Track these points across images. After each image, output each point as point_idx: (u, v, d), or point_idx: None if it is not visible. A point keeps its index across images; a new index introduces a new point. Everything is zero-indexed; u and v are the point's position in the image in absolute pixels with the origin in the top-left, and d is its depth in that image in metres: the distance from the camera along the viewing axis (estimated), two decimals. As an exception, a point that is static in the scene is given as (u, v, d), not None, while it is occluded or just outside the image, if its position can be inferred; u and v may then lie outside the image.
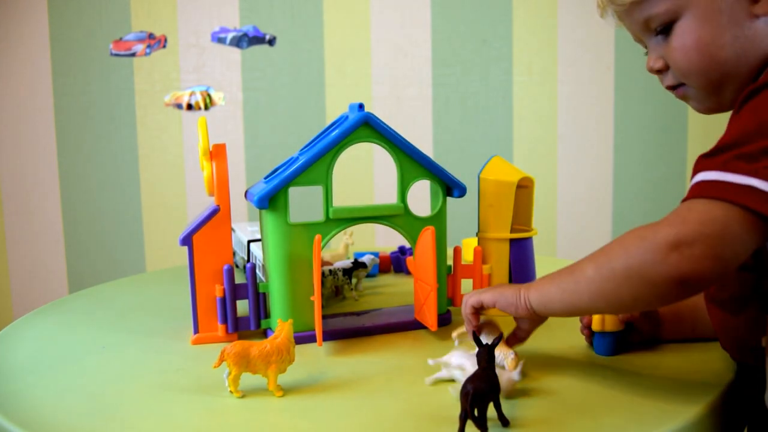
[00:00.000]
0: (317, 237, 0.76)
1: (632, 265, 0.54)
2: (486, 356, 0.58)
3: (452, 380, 0.64)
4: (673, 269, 0.52)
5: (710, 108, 0.66)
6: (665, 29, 0.63)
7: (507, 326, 0.71)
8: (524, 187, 0.93)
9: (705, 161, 0.54)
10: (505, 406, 0.58)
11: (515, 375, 0.60)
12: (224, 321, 0.79)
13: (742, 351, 0.67)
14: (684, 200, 0.55)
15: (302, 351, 0.76)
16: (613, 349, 0.73)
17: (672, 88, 0.66)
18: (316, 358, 0.74)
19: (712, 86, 0.63)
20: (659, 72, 0.66)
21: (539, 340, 0.78)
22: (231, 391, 0.64)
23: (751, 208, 0.51)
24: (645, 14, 0.64)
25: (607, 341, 0.73)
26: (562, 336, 0.79)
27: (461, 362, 0.62)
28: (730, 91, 0.63)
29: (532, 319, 0.68)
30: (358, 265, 0.98)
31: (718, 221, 0.52)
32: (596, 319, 0.73)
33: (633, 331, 0.76)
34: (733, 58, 0.61)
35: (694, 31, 0.61)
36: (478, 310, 0.68)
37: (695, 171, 0.55)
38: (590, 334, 0.75)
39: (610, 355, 0.73)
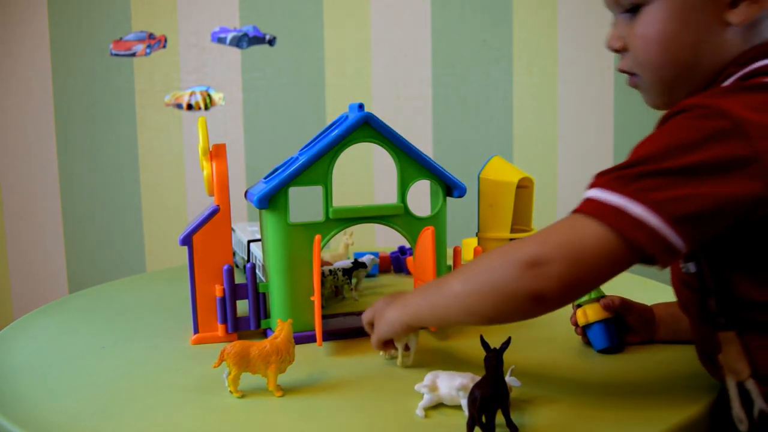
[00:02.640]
0: (317, 237, 0.76)
1: (493, 280, 0.55)
2: (494, 361, 0.57)
3: (441, 404, 0.61)
4: (528, 286, 0.53)
5: (658, 105, 0.62)
6: (634, 8, 0.59)
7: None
8: (524, 187, 0.93)
9: (597, 177, 0.53)
10: (513, 412, 0.58)
11: (514, 381, 0.60)
12: (224, 321, 0.79)
13: (704, 363, 0.65)
14: (572, 212, 0.53)
15: (302, 351, 0.76)
16: (608, 338, 0.73)
17: (626, 72, 0.63)
18: (316, 358, 0.74)
19: (664, 84, 0.60)
20: (617, 51, 0.63)
21: (540, 346, 0.78)
22: (231, 391, 0.64)
23: (616, 228, 0.49)
24: None
25: (599, 331, 0.73)
26: (562, 340, 0.79)
27: (458, 383, 0.59)
28: (680, 93, 0.59)
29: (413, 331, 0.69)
30: (358, 265, 0.98)
31: (577, 242, 0.51)
32: (579, 313, 0.73)
33: (630, 332, 0.76)
34: (691, 60, 0.58)
35: (660, 22, 0.58)
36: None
37: (589, 185, 0.53)
38: (582, 332, 0.75)
39: (609, 345, 0.73)
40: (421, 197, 0.88)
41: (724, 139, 0.47)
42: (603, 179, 0.51)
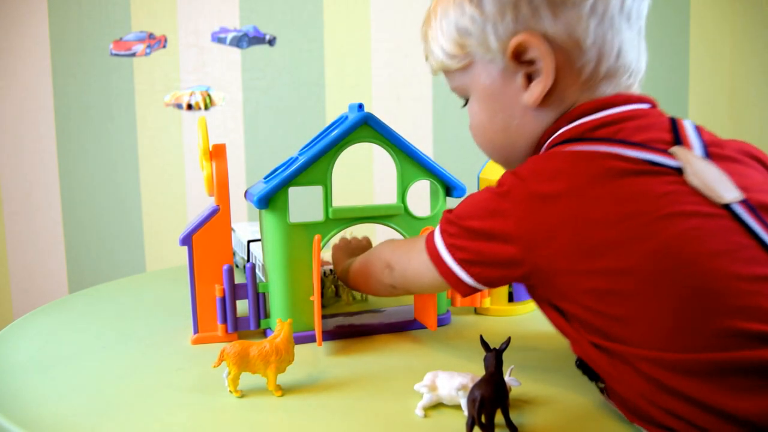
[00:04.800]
0: (317, 237, 0.76)
1: (369, 271, 0.76)
2: (494, 361, 0.57)
3: (441, 404, 0.61)
4: (386, 280, 0.73)
5: None
6: (466, 101, 0.66)
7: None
8: (524, 187, 0.92)
9: (444, 213, 0.62)
10: (513, 412, 0.58)
11: (514, 381, 0.60)
12: (224, 321, 0.79)
13: None
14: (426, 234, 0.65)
15: (302, 351, 0.76)
16: None
17: None
18: (316, 358, 0.74)
19: (499, 161, 0.68)
20: None
21: (540, 346, 0.78)
22: (230, 391, 0.64)
23: (431, 259, 0.62)
24: (450, 85, 0.67)
25: None
26: (562, 339, 0.79)
27: (458, 383, 0.59)
28: (514, 165, 0.64)
29: None
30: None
31: (405, 261, 0.69)
32: None
33: None
34: (506, 143, 0.64)
35: (476, 113, 0.64)
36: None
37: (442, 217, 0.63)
38: None
39: None
40: (420, 197, 0.88)
41: (494, 215, 0.56)
42: (443, 214, 0.62)
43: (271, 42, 2.15)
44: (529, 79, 0.59)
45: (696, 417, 0.49)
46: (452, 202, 0.85)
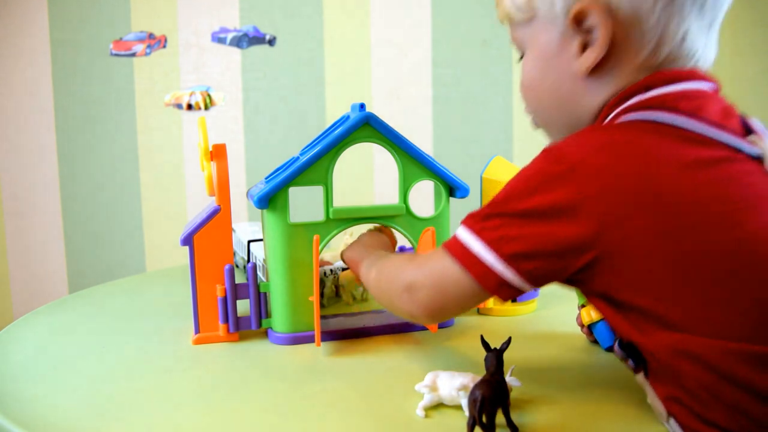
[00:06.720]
0: (316, 237, 0.76)
1: (387, 290, 0.66)
2: (495, 361, 0.57)
3: (441, 404, 0.61)
4: (404, 306, 0.62)
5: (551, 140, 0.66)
6: (522, 57, 0.65)
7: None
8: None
9: (468, 215, 0.57)
10: (514, 412, 0.57)
11: (514, 381, 0.60)
12: (225, 321, 0.79)
13: None
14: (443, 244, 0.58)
15: (302, 351, 0.76)
16: (614, 335, 0.73)
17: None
18: (316, 358, 0.74)
19: (544, 126, 0.65)
20: None
21: (540, 345, 0.78)
22: None
23: (462, 265, 0.55)
24: (511, 35, 0.65)
25: (604, 328, 0.73)
26: (563, 339, 0.79)
27: (459, 383, 0.59)
28: (555, 132, 0.63)
29: None
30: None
31: (438, 274, 0.58)
32: (583, 313, 0.73)
33: None
34: (554, 105, 0.61)
35: (528, 70, 0.63)
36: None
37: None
38: (589, 332, 0.75)
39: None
40: (422, 198, 0.88)
41: (555, 186, 0.51)
42: (467, 217, 0.56)
43: (271, 42, 2.15)
44: (585, 47, 0.57)
45: (757, 411, 0.48)
46: (455, 203, 0.85)
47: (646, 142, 0.51)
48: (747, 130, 0.55)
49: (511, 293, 0.54)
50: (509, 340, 0.60)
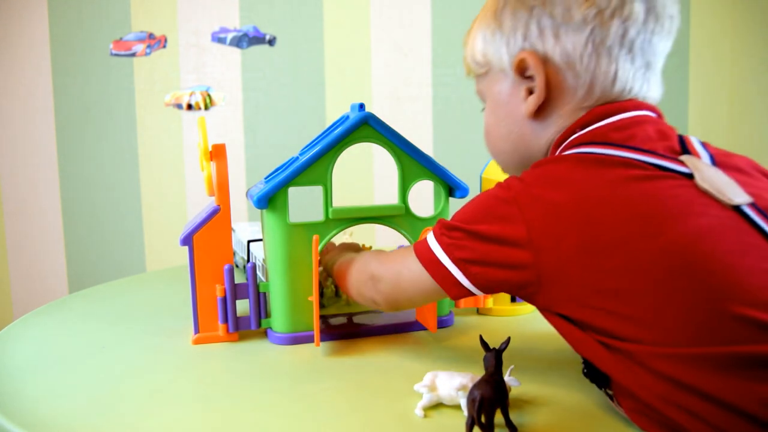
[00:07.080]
0: (315, 237, 0.76)
1: (357, 280, 0.74)
2: (494, 361, 0.57)
3: (441, 404, 0.61)
4: (369, 293, 0.72)
5: None
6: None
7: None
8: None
9: (439, 221, 0.63)
10: (513, 412, 0.58)
11: (513, 381, 0.60)
12: (225, 320, 0.79)
13: None
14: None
15: (302, 351, 0.76)
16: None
17: None
18: (315, 358, 0.74)
19: (502, 166, 0.72)
20: None
21: (540, 345, 0.78)
22: None
23: (424, 265, 0.63)
24: (475, 88, 0.71)
25: None
26: (563, 341, 0.79)
27: (457, 383, 0.59)
28: (515, 172, 0.66)
29: None
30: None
31: (395, 271, 0.68)
32: None
33: None
34: (509, 149, 0.68)
35: (487, 117, 0.70)
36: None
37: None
38: None
39: None
40: (422, 198, 0.88)
41: (501, 214, 0.57)
42: (437, 223, 0.63)
43: (271, 42, 2.15)
44: (530, 93, 0.64)
45: (714, 416, 0.48)
46: (455, 203, 0.85)
47: (579, 171, 0.57)
48: (684, 149, 0.58)
49: (463, 293, 0.61)
50: (508, 340, 0.60)
